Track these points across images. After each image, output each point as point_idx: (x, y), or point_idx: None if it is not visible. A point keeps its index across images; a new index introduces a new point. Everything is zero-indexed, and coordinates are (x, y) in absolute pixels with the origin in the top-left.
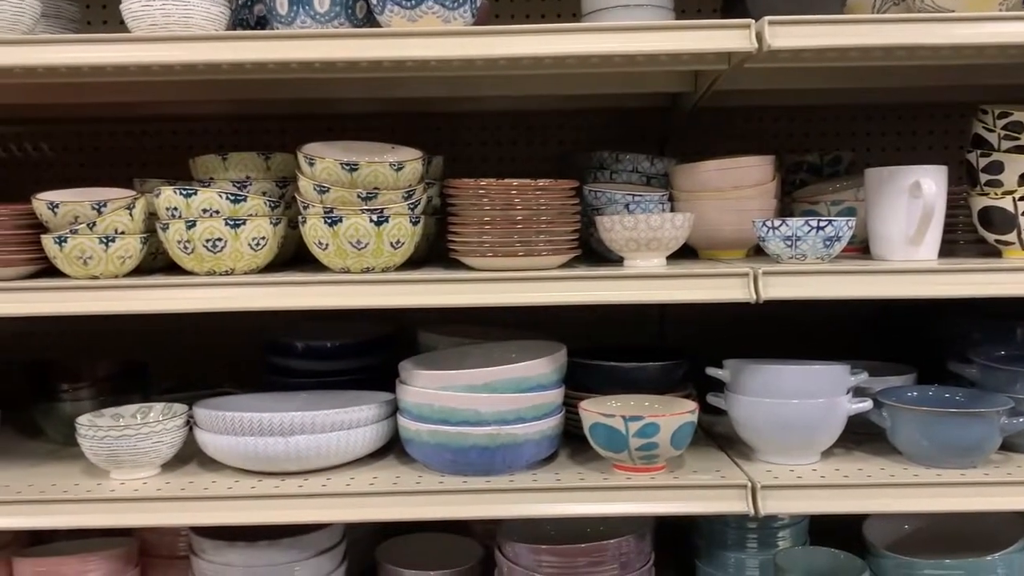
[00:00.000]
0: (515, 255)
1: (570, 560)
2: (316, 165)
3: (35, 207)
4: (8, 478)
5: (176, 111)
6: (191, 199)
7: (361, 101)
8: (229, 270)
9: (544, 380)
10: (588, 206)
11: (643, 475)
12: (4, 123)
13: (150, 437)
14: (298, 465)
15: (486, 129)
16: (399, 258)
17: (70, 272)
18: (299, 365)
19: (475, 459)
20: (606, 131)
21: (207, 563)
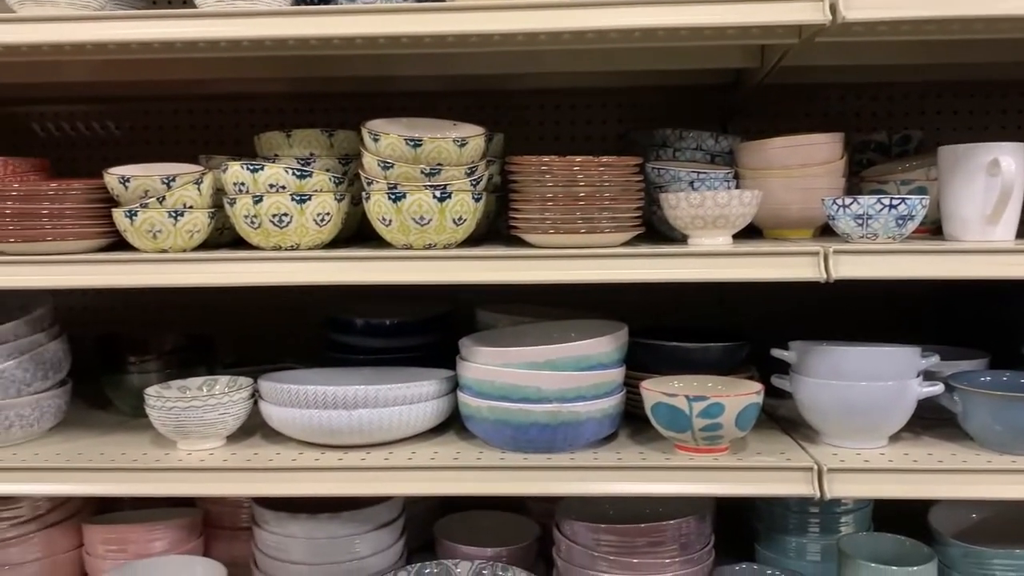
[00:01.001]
0: (577, 232)
1: (629, 540)
2: (380, 141)
3: (107, 181)
4: (79, 447)
5: (238, 89)
6: (258, 174)
7: (420, 79)
8: (294, 245)
9: (605, 359)
10: (650, 184)
11: (706, 456)
12: (72, 102)
13: (216, 409)
14: (360, 438)
15: (544, 107)
16: (461, 235)
17: (140, 245)
18: (358, 342)
19: (536, 436)
20: (666, 109)
21: (269, 534)
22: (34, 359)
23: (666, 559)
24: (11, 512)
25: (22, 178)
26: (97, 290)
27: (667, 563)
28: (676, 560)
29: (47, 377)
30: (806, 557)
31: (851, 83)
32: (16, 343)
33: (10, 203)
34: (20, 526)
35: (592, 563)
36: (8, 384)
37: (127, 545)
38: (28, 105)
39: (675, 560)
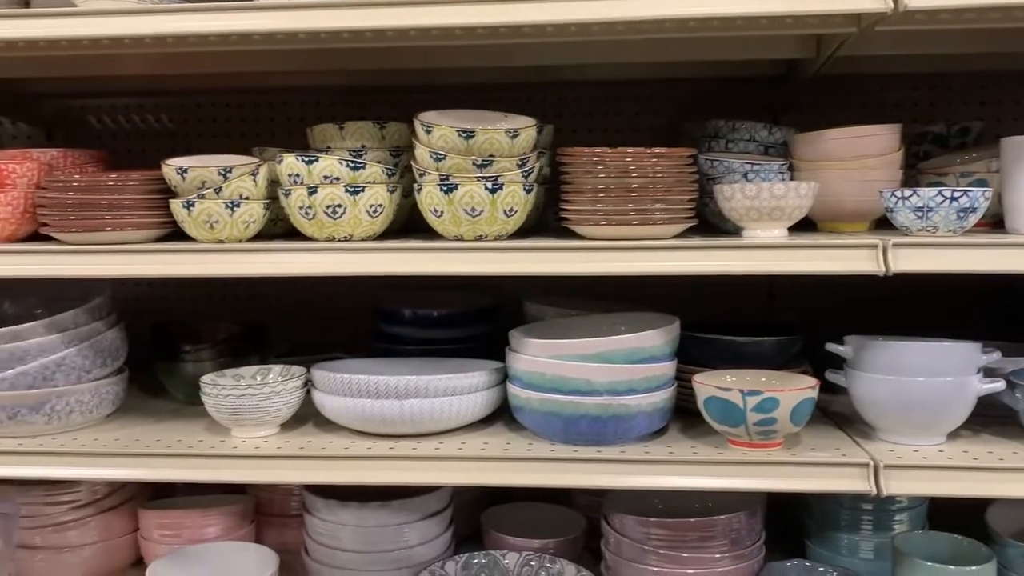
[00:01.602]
0: (629, 224)
1: (679, 534)
2: (433, 133)
3: (165, 172)
4: (136, 433)
5: (287, 82)
6: (312, 166)
7: (467, 71)
8: (347, 236)
9: (657, 352)
10: (703, 175)
11: (759, 451)
12: (127, 95)
13: (271, 397)
14: (411, 428)
15: (592, 99)
16: (511, 226)
17: (197, 236)
18: (406, 332)
19: (586, 429)
20: (715, 100)
21: (320, 521)
22: (93, 347)
23: (716, 554)
24: (70, 496)
25: (81, 169)
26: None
27: (717, 558)
28: (726, 555)
29: (105, 365)
30: (859, 555)
31: (907, 73)
32: (76, 331)
33: (71, 193)
34: (78, 510)
35: (642, 556)
36: (68, 371)
37: (181, 530)
38: (84, 98)
39: (725, 555)
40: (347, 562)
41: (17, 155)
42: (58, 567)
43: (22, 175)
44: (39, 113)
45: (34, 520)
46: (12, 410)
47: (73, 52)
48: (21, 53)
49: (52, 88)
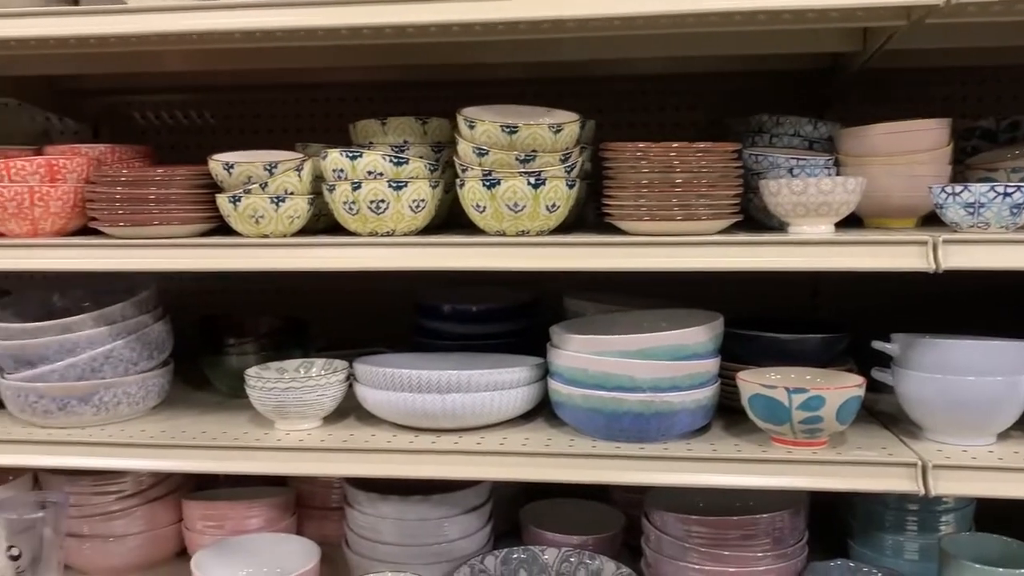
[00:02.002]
0: (673, 219)
1: (721, 532)
2: (476, 128)
3: (211, 167)
4: (182, 425)
5: (328, 78)
6: (356, 161)
7: (506, 66)
8: (390, 231)
9: (701, 349)
10: (747, 170)
11: (804, 449)
12: (170, 91)
13: (315, 390)
14: (452, 422)
15: (632, 93)
16: (554, 221)
17: (242, 230)
18: (445, 327)
19: (628, 425)
20: (757, 95)
21: (361, 514)
22: (140, 339)
23: (758, 553)
24: (116, 486)
25: (128, 164)
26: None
27: (759, 556)
28: (769, 554)
29: (152, 357)
30: (903, 556)
31: (956, 67)
32: (124, 323)
33: (120, 188)
34: (124, 500)
35: (682, 554)
36: (116, 363)
37: (224, 521)
38: (128, 94)
39: (767, 554)
40: (387, 555)
41: (67, 150)
42: (104, 555)
43: (72, 170)
44: (85, 109)
45: (82, 509)
46: (62, 401)
47: (122, 49)
48: (72, 50)
49: (98, 85)
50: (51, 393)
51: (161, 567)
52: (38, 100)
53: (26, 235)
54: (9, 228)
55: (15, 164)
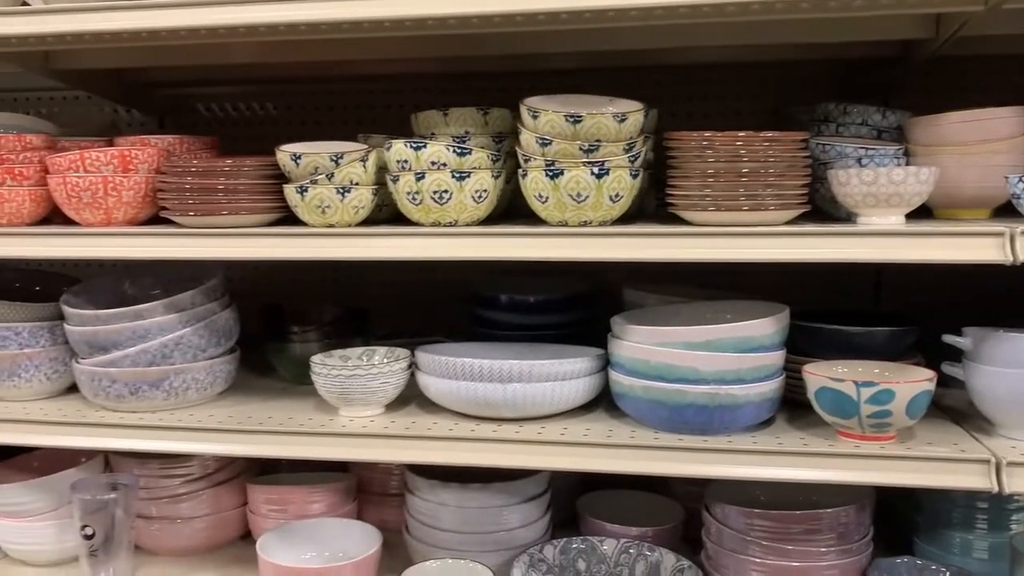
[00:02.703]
0: (739, 209)
1: (784, 526)
2: (540, 118)
3: (279, 158)
4: (248, 411)
5: (387, 70)
6: (420, 152)
7: (565, 56)
8: (452, 221)
9: (767, 341)
10: (813, 160)
11: (872, 444)
12: (233, 84)
13: (378, 378)
14: (513, 412)
15: (692, 83)
16: (616, 212)
17: (309, 220)
18: (503, 317)
19: (691, 418)
20: (820, 84)
21: (421, 501)
22: (208, 327)
23: (822, 548)
24: (183, 470)
25: (196, 155)
26: (259, 262)
27: (823, 552)
28: (833, 549)
29: (219, 344)
30: (972, 554)
31: None
32: (193, 311)
33: (189, 179)
34: (191, 483)
35: (744, 547)
36: (185, 349)
37: (287, 506)
38: (193, 86)
39: (832, 549)
40: (447, 541)
41: (137, 142)
42: (172, 536)
43: (143, 161)
44: (152, 101)
45: (150, 492)
46: (134, 386)
47: (191, 42)
48: (142, 43)
49: (164, 77)
50: (123, 378)
51: (225, 549)
52: (107, 93)
53: (99, 224)
54: (84, 217)
55: (90, 155)
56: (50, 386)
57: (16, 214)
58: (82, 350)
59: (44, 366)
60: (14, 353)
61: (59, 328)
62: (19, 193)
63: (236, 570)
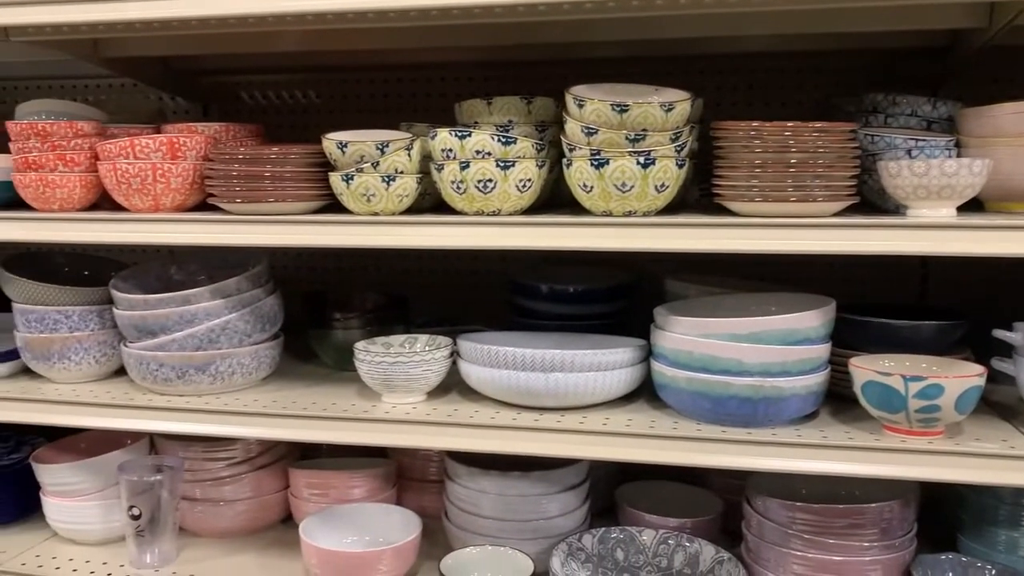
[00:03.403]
0: (787, 200)
1: (827, 520)
2: (586, 107)
3: (325, 146)
4: (292, 396)
5: (429, 58)
6: (465, 140)
7: (608, 44)
8: (496, 211)
9: (812, 333)
10: (861, 151)
11: (919, 439)
12: (278, 71)
13: (420, 365)
14: (554, 401)
15: (738, 72)
16: (661, 202)
17: (353, 208)
18: (542, 307)
19: (735, 410)
20: (865, 75)
21: (462, 488)
22: (254, 312)
23: (865, 543)
24: (227, 453)
25: (241, 143)
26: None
27: (866, 547)
28: (875, 544)
29: (264, 330)
30: (1018, 552)
31: None
32: (239, 297)
33: (237, 166)
34: (234, 466)
35: (786, 540)
36: (231, 334)
37: (329, 490)
38: (237, 74)
39: (874, 544)
40: (487, 528)
41: (185, 129)
42: (215, 518)
43: (191, 148)
44: (196, 89)
45: (195, 474)
46: (181, 370)
47: (238, 30)
48: (192, 32)
49: (209, 65)
50: (171, 362)
51: (266, 532)
52: (153, 80)
53: (148, 210)
54: (133, 203)
55: (139, 142)
56: (98, 369)
57: (67, 199)
58: (130, 334)
59: (93, 349)
60: (64, 336)
61: (108, 312)
62: (70, 179)
63: (277, 552)
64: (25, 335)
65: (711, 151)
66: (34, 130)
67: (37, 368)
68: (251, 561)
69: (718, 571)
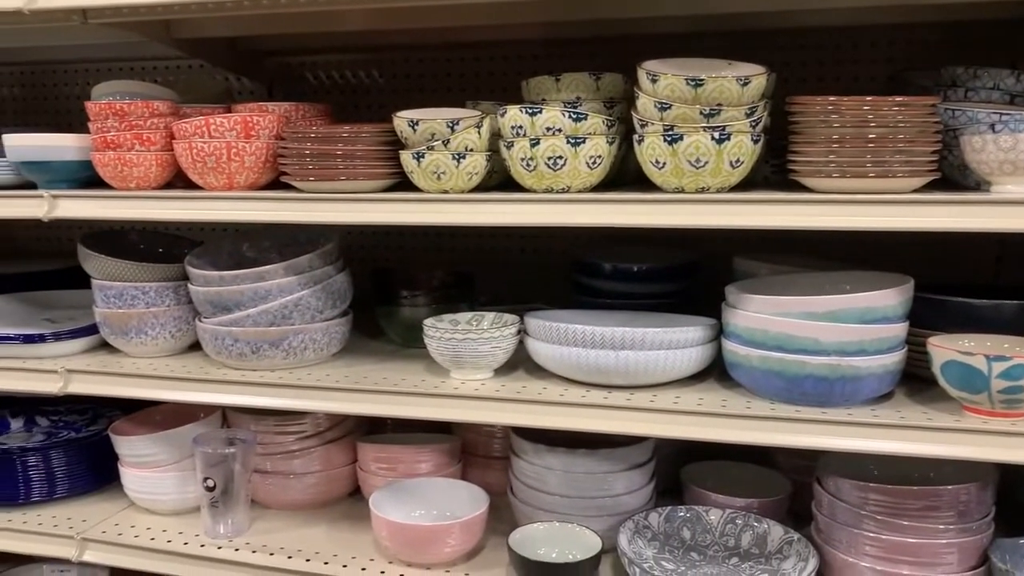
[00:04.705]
0: (866, 176)
1: (901, 501)
2: (659, 82)
3: (396, 124)
4: (363, 371)
5: (492, 36)
6: (536, 117)
7: (675, 20)
8: (565, 188)
9: (890, 312)
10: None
11: (1002, 420)
12: (341, 51)
13: (489, 342)
14: (624, 379)
15: (805, 47)
16: (736, 178)
17: (424, 186)
18: (605, 286)
19: (810, 389)
20: (939, 48)
21: (528, 464)
22: (325, 289)
23: (940, 525)
24: (296, 427)
25: (311, 122)
26: (372, 227)
27: (941, 529)
28: (952, 527)
29: (335, 306)
30: None
31: None
32: (311, 274)
33: (309, 144)
34: (304, 440)
35: (858, 522)
36: (304, 310)
37: (396, 464)
38: (302, 54)
39: (950, 527)
40: (553, 505)
41: (256, 108)
42: (285, 491)
43: (264, 127)
44: (262, 69)
45: (266, 448)
46: (255, 345)
47: (307, 9)
48: (262, 11)
49: (275, 45)
50: (246, 337)
51: (335, 505)
52: (221, 61)
53: (222, 188)
54: (207, 181)
55: (214, 121)
56: (174, 344)
57: (144, 178)
58: (206, 310)
59: (169, 324)
60: (141, 311)
61: (182, 288)
62: (147, 158)
63: (346, 525)
64: (104, 310)
65: (782, 127)
66: (112, 110)
67: (115, 343)
68: (321, 533)
69: (787, 551)
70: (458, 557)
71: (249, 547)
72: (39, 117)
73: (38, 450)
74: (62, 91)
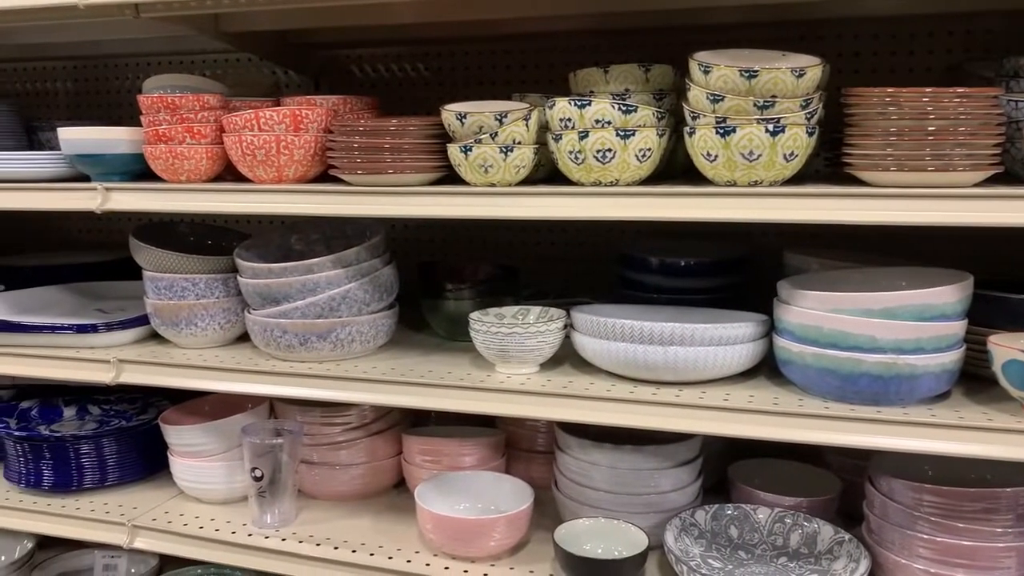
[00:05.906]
0: (924, 170)
1: (957, 503)
2: (712, 73)
3: (444, 117)
4: (408, 364)
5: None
6: (584, 110)
7: (725, 10)
8: (614, 181)
9: (948, 310)
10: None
11: None
12: (388, 44)
13: (535, 336)
14: (672, 375)
15: (859, 37)
16: (789, 171)
17: (471, 179)
18: (651, 280)
19: (864, 387)
20: (998, 37)
21: (573, 459)
22: (372, 282)
23: (998, 528)
24: (343, 419)
25: (359, 115)
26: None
27: (998, 532)
28: (1010, 530)
29: (382, 299)
30: None
31: None
32: (358, 267)
33: (357, 137)
34: (349, 432)
35: (912, 523)
36: (351, 303)
37: (441, 457)
38: (349, 48)
39: (1008, 531)
40: (598, 500)
41: (304, 102)
42: (331, 482)
43: (313, 120)
44: (309, 63)
45: (312, 438)
46: (303, 337)
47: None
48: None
49: (323, 38)
50: (294, 329)
51: (380, 497)
52: (270, 54)
53: (271, 181)
54: (257, 174)
55: (264, 114)
56: (223, 335)
57: (194, 171)
58: (254, 301)
59: (218, 316)
60: (191, 303)
61: (232, 280)
62: (197, 151)
63: (390, 516)
64: (155, 301)
65: (835, 119)
66: (164, 103)
67: (166, 333)
68: (366, 524)
69: (837, 552)
70: (503, 551)
71: (296, 537)
72: (90, 111)
73: (90, 438)
74: (113, 85)
